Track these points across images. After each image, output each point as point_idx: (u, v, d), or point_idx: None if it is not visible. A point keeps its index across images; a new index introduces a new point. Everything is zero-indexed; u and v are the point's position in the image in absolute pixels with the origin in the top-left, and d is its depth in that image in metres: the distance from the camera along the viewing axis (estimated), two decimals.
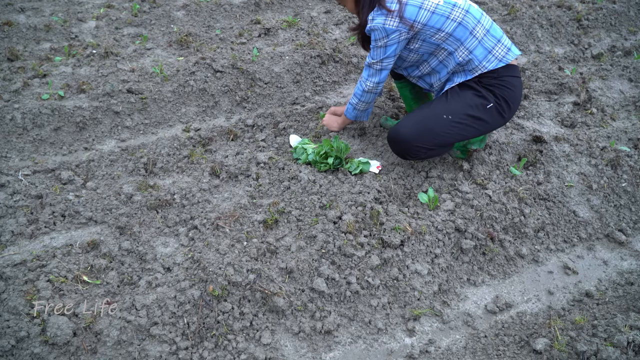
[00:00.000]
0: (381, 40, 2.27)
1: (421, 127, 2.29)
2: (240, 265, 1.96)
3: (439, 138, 2.29)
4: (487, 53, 2.26)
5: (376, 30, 2.24)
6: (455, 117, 2.27)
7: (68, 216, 2.27)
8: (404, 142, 2.32)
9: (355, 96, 2.55)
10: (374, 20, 2.24)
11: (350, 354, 1.83)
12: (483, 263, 2.17)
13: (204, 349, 1.75)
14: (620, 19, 4.22)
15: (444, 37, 2.25)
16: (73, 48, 3.60)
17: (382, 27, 2.22)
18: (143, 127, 2.97)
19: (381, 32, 2.24)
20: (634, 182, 2.53)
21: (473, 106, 2.28)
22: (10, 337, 1.67)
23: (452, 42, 2.26)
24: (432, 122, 2.29)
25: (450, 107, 2.29)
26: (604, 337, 1.78)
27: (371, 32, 2.28)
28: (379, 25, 2.22)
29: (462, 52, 2.27)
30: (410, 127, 2.31)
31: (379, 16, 2.22)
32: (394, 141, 2.37)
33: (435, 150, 2.37)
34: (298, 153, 2.63)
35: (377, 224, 2.16)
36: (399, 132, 2.33)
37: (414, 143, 2.30)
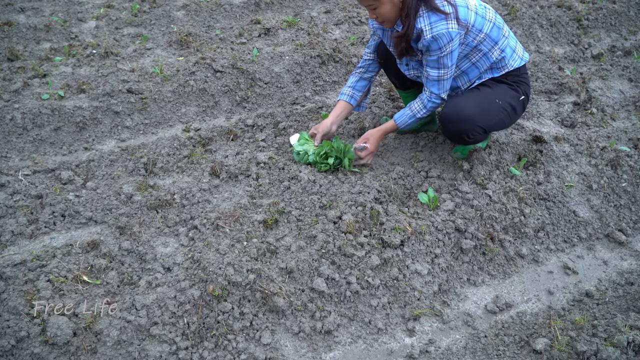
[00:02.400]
0: (448, 46, 2.13)
1: (483, 107, 2.30)
2: (240, 265, 1.96)
3: (494, 120, 2.33)
4: (512, 52, 2.32)
5: (442, 37, 2.10)
6: (503, 102, 2.33)
7: (68, 216, 2.27)
8: (467, 122, 2.27)
9: (429, 110, 2.37)
10: (435, 27, 2.09)
11: (350, 354, 1.83)
12: (483, 263, 2.17)
13: (204, 349, 1.75)
14: (620, 19, 4.22)
15: (482, 39, 2.23)
16: (73, 48, 3.60)
17: (447, 32, 2.08)
18: (143, 127, 2.97)
19: (446, 37, 2.10)
20: (634, 182, 2.53)
21: (512, 96, 2.35)
22: (10, 337, 1.67)
23: (488, 42, 2.25)
24: (489, 104, 2.31)
25: (498, 94, 2.32)
26: (604, 337, 1.78)
27: (434, 41, 2.11)
28: (443, 31, 2.08)
29: (495, 52, 2.27)
30: (472, 107, 2.28)
31: (439, 21, 2.08)
32: (454, 120, 2.30)
33: (486, 135, 2.39)
34: (300, 156, 2.59)
35: (377, 224, 2.16)
36: (462, 110, 2.28)
37: (477, 123, 2.28)
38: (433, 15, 2.09)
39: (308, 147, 2.60)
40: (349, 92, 2.60)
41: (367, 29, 4.06)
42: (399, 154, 2.64)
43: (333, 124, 2.58)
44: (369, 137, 2.50)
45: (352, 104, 2.61)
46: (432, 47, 2.14)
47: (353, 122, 2.95)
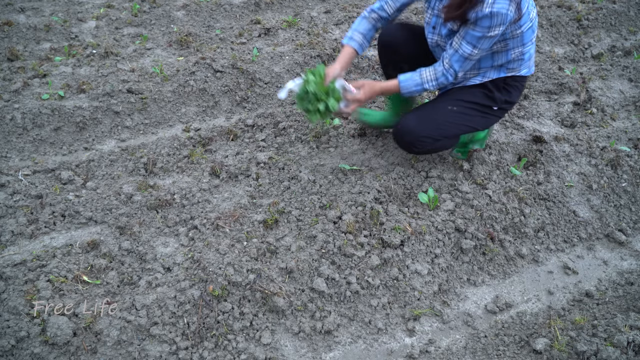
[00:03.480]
0: (497, 27, 1.96)
1: (424, 117, 2.25)
2: (240, 265, 1.96)
3: (443, 127, 2.25)
4: (529, 59, 2.25)
5: (498, 15, 1.92)
6: (459, 107, 2.26)
7: (68, 216, 2.27)
8: (409, 134, 2.24)
9: (438, 85, 2.19)
10: (498, 3, 1.90)
11: (350, 354, 1.83)
12: (483, 263, 2.18)
13: (204, 349, 1.75)
14: (620, 19, 4.22)
15: (517, 35, 2.09)
16: (73, 48, 3.60)
17: (505, 13, 1.91)
18: (143, 127, 2.97)
19: (501, 17, 1.92)
20: (634, 182, 2.53)
21: (480, 97, 2.27)
22: (10, 337, 1.67)
23: (519, 41, 2.12)
24: (435, 112, 2.26)
25: (454, 98, 2.28)
26: (604, 337, 1.78)
27: (489, 17, 1.92)
28: (503, 10, 1.91)
29: (517, 52, 2.17)
30: (414, 119, 2.26)
31: (501, 1, 1.90)
32: (399, 133, 2.28)
33: (442, 141, 2.30)
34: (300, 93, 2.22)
35: (377, 224, 2.16)
36: (404, 124, 2.26)
37: (420, 134, 2.23)
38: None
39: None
40: (360, 38, 2.34)
41: None
42: (399, 154, 2.64)
43: (342, 69, 2.29)
44: (365, 85, 2.24)
45: (359, 53, 2.36)
46: (482, 23, 1.95)
47: (353, 122, 2.95)
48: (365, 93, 2.23)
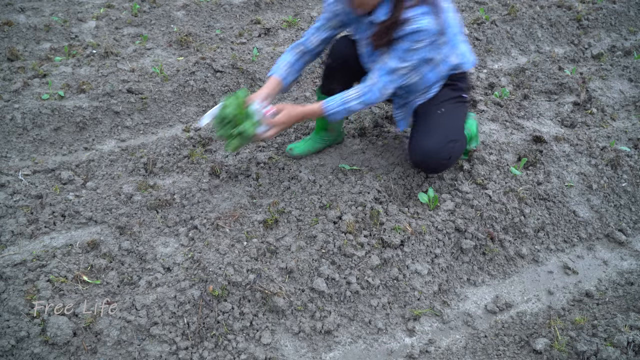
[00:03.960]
0: (422, 42, 1.99)
1: (429, 133, 2.23)
2: (240, 265, 1.96)
3: (449, 130, 2.25)
4: (466, 54, 2.27)
5: (422, 31, 1.95)
6: (445, 107, 2.29)
7: (68, 216, 2.27)
8: (428, 155, 2.24)
9: (363, 103, 2.16)
10: (423, 19, 1.94)
11: (350, 354, 1.83)
12: (483, 263, 2.18)
13: (204, 349, 1.75)
14: (620, 19, 4.22)
15: (445, 42, 2.13)
16: (73, 48, 3.60)
17: (429, 29, 1.95)
18: (143, 127, 2.97)
19: (426, 34, 1.96)
20: (634, 182, 2.53)
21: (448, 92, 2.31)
22: (10, 337, 1.67)
23: (450, 47, 2.17)
24: (433, 124, 2.26)
25: (433, 105, 2.29)
26: (604, 337, 1.78)
27: (414, 33, 1.96)
28: (427, 26, 1.95)
29: (453, 57, 2.20)
30: (422, 142, 2.22)
31: (426, 15, 1.94)
32: (421, 163, 2.29)
33: (458, 142, 2.29)
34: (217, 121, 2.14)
35: (377, 224, 2.16)
36: (417, 152, 2.25)
37: (437, 148, 2.21)
38: (422, 6, 1.94)
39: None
40: (285, 70, 2.30)
41: None
42: (399, 154, 2.64)
43: (268, 96, 2.23)
44: (284, 109, 2.17)
45: (284, 85, 2.31)
46: (408, 38, 1.98)
47: (353, 122, 2.95)
48: (284, 117, 2.17)
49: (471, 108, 3.12)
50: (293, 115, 2.18)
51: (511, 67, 3.71)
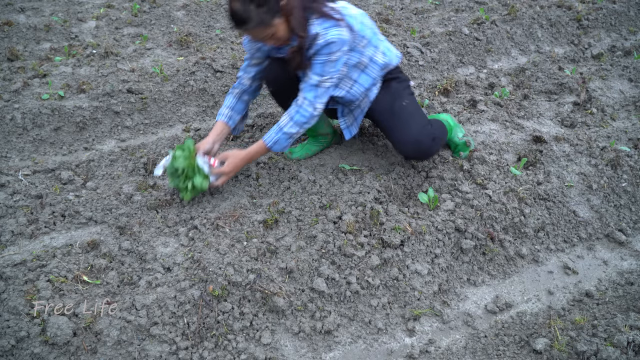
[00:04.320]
0: (337, 53, 2.07)
1: (409, 122, 2.31)
2: (240, 265, 1.96)
3: (422, 115, 2.38)
4: (390, 51, 2.33)
5: (333, 43, 2.03)
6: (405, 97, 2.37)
7: (68, 216, 2.27)
8: (417, 142, 2.30)
9: (297, 124, 2.18)
10: (330, 32, 2.02)
11: (350, 354, 1.83)
12: (483, 263, 2.17)
13: (204, 349, 1.75)
14: (620, 19, 4.22)
15: (365, 44, 2.20)
16: (73, 48, 3.60)
17: (339, 40, 2.04)
18: (143, 127, 2.97)
19: (338, 44, 2.05)
20: (634, 182, 2.53)
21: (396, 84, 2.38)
22: (10, 337, 1.67)
23: (371, 48, 2.23)
24: (406, 113, 2.33)
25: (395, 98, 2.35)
26: (604, 337, 1.78)
27: (326, 45, 2.04)
28: (336, 37, 2.02)
29: (379, 56, 2.27)
30: (407, 131, 2.30)
31: (331, 28, 2.02)
32: (414, 152, 2.33)
33: (434, 125, 2.41)
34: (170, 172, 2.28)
35: (377, 224, 2.16)
36: (407, 141, 2.30)
37: (422, 134, 2.30)
38: (325, 21, 2.02)
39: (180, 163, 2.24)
40: (227, 112, 2.43)
41: None
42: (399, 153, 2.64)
43: (215, 142, 2.39)
44: (229, 157, 2.29)
45: (231, 126, 2.46)
46: (322, 52, 2.06)
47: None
48: (230, 164, 2.28)
49: (470, 108, 3.13)
50: (239, 160, 2.29)
51: (511, 67, 3.71)
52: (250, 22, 1.93)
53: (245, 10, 1.91)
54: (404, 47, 3.65)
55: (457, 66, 3.68)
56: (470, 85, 3.38)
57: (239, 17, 1.93)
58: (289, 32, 2.05)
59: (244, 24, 1.95)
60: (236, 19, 1.94)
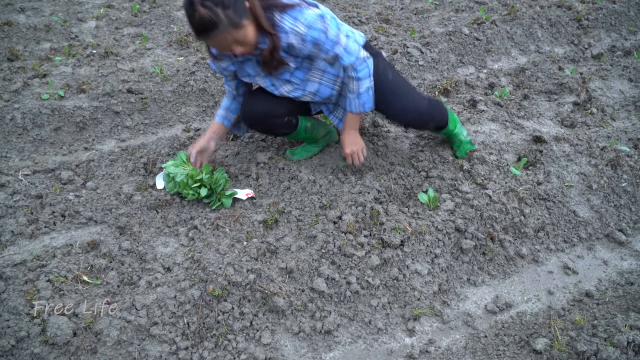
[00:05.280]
0: (326, 23, 2.01)
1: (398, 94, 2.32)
2: (240, 265, 1.96)
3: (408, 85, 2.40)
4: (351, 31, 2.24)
5: (315, 21, 1.97)
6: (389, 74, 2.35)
7: (68, 216, 2.27)
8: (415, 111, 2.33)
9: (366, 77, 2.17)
10: (304, 18, 1.97)
11: (350, 354, 1.83)
12: (483, 263, 2.17)
13: (204, 349, 1.75)
14: (620, 19, 4.22)
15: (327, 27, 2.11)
16: (73, 48, 3.60)
17: (315, 15, 1.98)
18: (143, 127, 2.97)
19: (319, 19, 1.99)
20: (634, 182, 2.53)
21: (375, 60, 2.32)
22: (10, 337, 1.67)
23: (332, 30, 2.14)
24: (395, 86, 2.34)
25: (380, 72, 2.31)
26: (604, 337, 1.78)
27: (313, 29, 1.98)
28: (312, 16, 1.97)
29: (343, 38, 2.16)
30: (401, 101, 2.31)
31: (301, 13, 1.97)
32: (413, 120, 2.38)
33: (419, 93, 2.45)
34: (169, 179, 2.38)
35: (377, 224, 2.16)
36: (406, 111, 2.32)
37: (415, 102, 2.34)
38: (290, 11, 1.98)
39: (177, 170, 2.35)
40: (223, 113, 2.47)
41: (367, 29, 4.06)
42: (399, 154, 2.64)
43: (211, 140, 2.42)
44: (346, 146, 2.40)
45: (226, 125, 2.48)
46: (317, 36, 2.00)
47: None
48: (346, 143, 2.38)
49: (470, 108, 3.13)
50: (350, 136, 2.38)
51: (511, 67, 3.71)
52: (221, 25, 1.83)
53: (213, 13, 1.81)
54: (404, 47, 3.65)
55: (457, 66, 3.68)
56: (470, 85, 3.38)
57: (207, 22, 1.81)
58: (257, 33, 1.98)
59: (214, 29, 1.84)
60: (204, 25, 1.82)
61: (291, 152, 2.64)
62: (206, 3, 1.80)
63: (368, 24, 4.16)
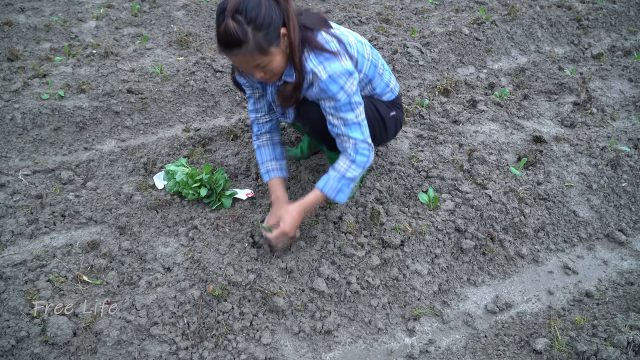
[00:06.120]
0: (350, 82, 1.83)
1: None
2: (240, 265, 1.96)
3: None
4: (385, 87, 2.15)
5: (340, 75, 1.80)
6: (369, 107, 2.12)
7: (68, 216, 2.27)
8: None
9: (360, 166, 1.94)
10: (329, 66, 1.79)
11: (350, 354, 1.83)
12: (483, 263, 2.17)
13: (204, 349, 1.75)
14: (620, 19, 4.22)
15: (361, 79, 2.03)
16: (73, 48, 3.60)
17: (344, 70, 1.80)
18: (143, 127, 2.97)
19: (345, 74, 1.81)
20: (634, 182, 2.53)
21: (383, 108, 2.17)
22: (10, 337, 1.67)
23: (363, 81, 2.06)
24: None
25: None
26: (604, 337, 1.79)
27: (332, 81, 1.79)
28: (339, 69, 1.79)
29: (367, 89, 2.11)
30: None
31: (331, 60, 1.80)
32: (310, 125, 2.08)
33: None
34: (169, 177, 2.39)
35: (377, 224, 2.16)
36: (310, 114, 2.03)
37: None
38: (320, 55, 1.80)
39: (178, 169, 2.35)
40: (274, 165, 2.18)
41: (367, 29, 4.06)
42: (399, 154, 2.64)
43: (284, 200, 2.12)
44: (283, 216, 1.99)
45: (285, 177, 2.21)
46: (333, 90, 1.81)
47: None
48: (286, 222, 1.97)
49: (470, 108, 3.13)
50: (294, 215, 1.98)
51: (511, 67, 3.71)
52: (245, 46, 1.66)
53: (242, 30, 1.63)
54: (404, 47, 3.65)
55: (457, 66, 3.68)
56: (470, 85, 3.38)
57: (232, 38, 1.63)
58: (284, 65, 1.81)
59: (237, 47, 1.66)
60: (229, 40, 1.64)
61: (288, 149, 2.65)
62: (237, 17, 1.63)
63: (368, 24, 4.16)
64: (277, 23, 1.69)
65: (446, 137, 2.77)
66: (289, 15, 1.73)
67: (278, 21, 1.70)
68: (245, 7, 1.63)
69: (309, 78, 1.84)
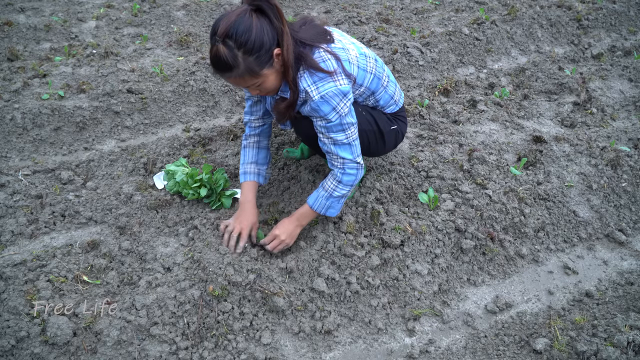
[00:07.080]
0: (342, 103, 1.82)
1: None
2: (240, 265, 1.96)
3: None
4: (389, 99, 2.14)
5: (333, 97, 1.78)
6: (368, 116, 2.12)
7: (68, 216, 2.27)
8: None
9: (347, 185, 1.98)
10: (322, 87, 1.78)
11: (350, 354, 1.83)
12: (483, 263, 2.17)
13: (204, 349, 1.75)
14: (620, 19, 4.22)
15: (362, 92, 2.03)
16: (73, 48, 3.60)
17: (337, 90, 1.78)
18: (143, 127, 2.97)
19: (338, 95, 1.79)
20: (634, 182, 2.53)
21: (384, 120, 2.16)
22: (10, 337, 1.67)
23: (365, 93, 2.05)
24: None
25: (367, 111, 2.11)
26: (604, 337, 1.79)
27: (324, 102, 1.79)
28: (332, 89, 1.78)
29: (370, 101, 2.10)
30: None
31: (324, 80, 1.78)
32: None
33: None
34: (169, 177, 2.40)
35: (377, 224, 2.16)
36: None
37: None
38: (314, 74, 1.78)
39: (178, 169, 2.36)
40: (253, 169, 2.19)
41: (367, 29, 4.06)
42: (399, 154, 2.64)
43: (254, 210, 2.13)
44: (279, 228, 2.05)
45: (261, 182, 2.22)
46: (325, 110, 1.81)
47: None
48: (283, 234, 2.04)
49: (470, 108, 3.13)
50: (289, 229, 2.05)
51: (511, 67, 3.71)
52: (236, 70, 1.67)
53: (232, 55, 1.63)
54: (404, 47, 3.65)
55: (457, 66, 3.68)
56: (470, 85, 3.38)
57: (223, 63, 1.65)
58: (278, 83, 1.82)
59: (228, 71, 1.67)
60: (220, 64, 1.66)
61: (288, 150, 2.65)
62: (228, 42, 1.62)
63: (368, 24, 4.16)
64: (269, 45, 1.68)
65: (446, 137, 2.77)
66: (283, 35, 1.71)
67: (270, 42, 1.69)
68: (236, 31, 1.62)
69: (302, 96, 1.83)
